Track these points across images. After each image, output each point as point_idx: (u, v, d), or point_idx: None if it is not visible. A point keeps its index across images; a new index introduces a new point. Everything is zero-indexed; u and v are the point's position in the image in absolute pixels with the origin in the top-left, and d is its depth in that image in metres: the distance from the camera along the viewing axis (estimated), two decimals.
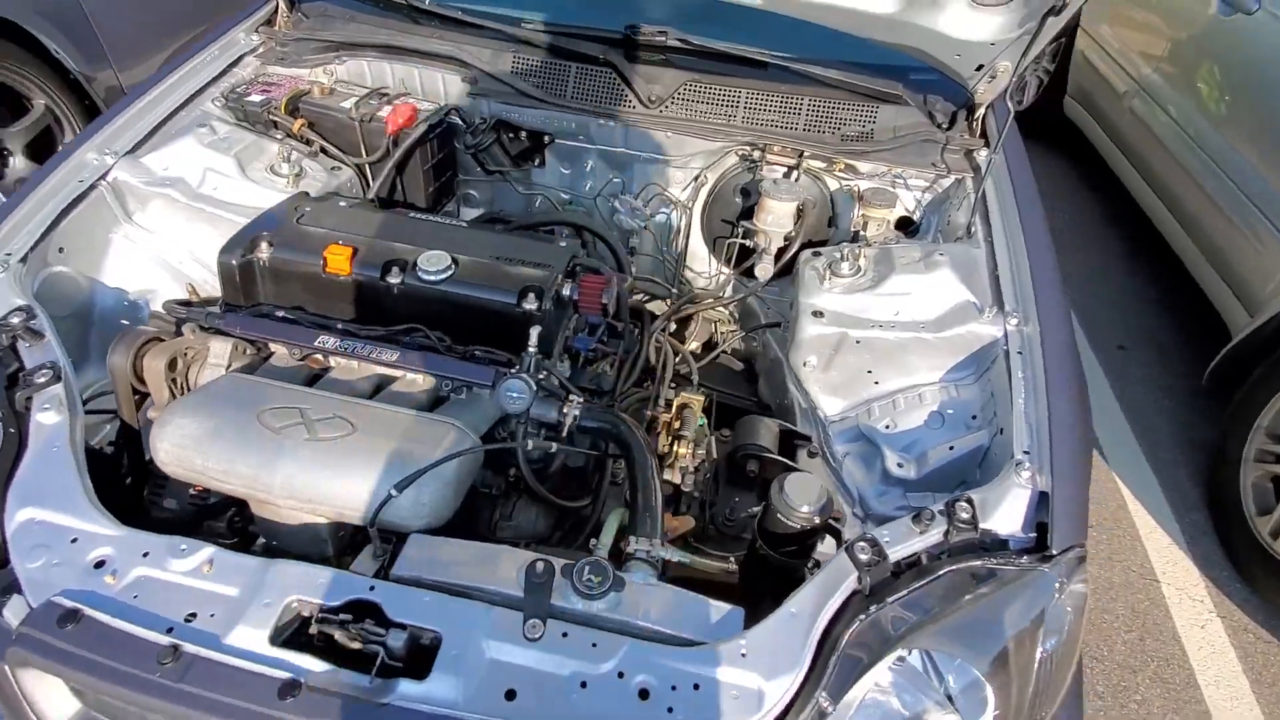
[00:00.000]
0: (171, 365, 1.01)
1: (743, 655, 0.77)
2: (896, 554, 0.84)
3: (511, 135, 1.47)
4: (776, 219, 1.34)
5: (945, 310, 1.14)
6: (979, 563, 0.83)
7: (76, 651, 0.72)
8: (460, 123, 1.43)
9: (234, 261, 1.06)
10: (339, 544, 0.92)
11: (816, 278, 1.23)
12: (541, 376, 0.97)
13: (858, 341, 1.14)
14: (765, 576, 0.98)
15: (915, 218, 1.47)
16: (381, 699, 0.71)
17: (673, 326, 1.44)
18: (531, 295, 1.04)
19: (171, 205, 1.24)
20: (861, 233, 1.38)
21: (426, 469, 0.83)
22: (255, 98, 1.40)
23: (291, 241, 1.08)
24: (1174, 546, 1.86)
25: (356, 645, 0.75)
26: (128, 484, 1.05)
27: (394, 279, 1.05)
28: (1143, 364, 2.45)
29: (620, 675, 0.75)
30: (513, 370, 0.96)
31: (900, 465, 1.10)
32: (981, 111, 1.44)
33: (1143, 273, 2.85)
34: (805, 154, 1.38)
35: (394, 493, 0.82)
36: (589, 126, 1.42)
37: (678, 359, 1.34)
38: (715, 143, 1.39)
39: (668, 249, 1.57)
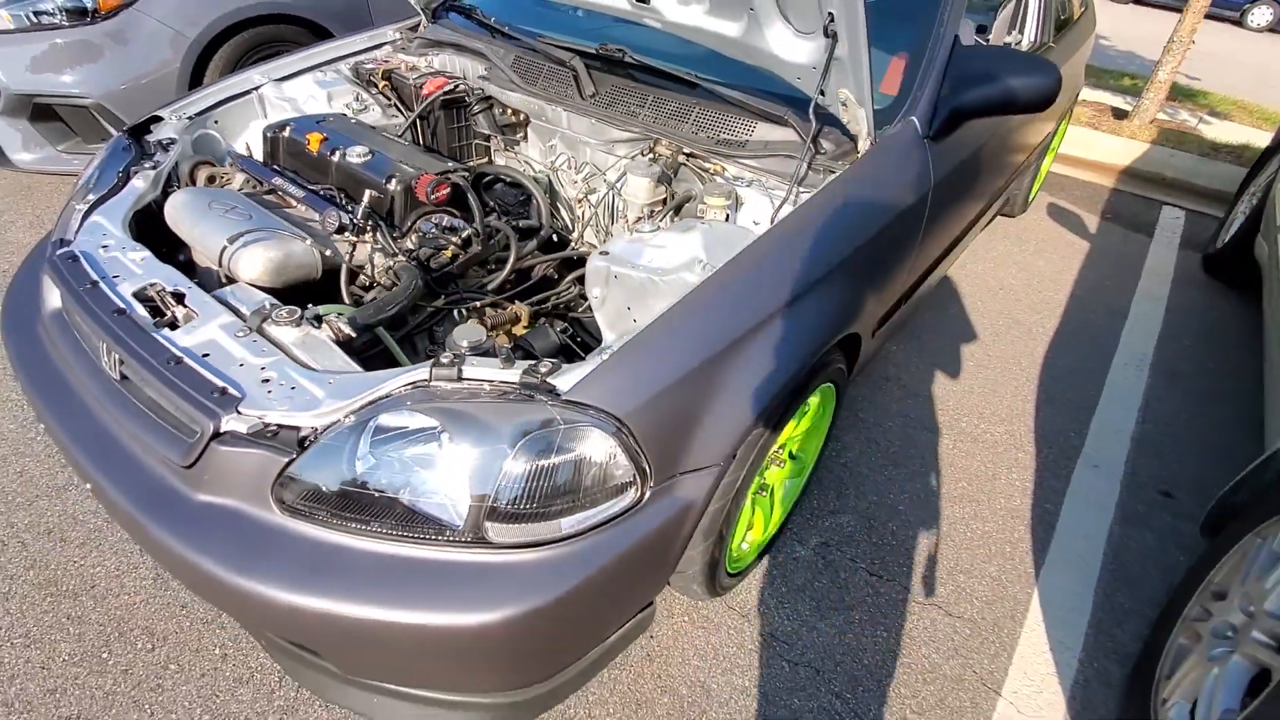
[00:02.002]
0: (211, 180, 1.69)
1: (330, 383, 1.12)
2: (471, 373, 1.11)
3: (501, 111, 1.99)
4: (631, 190, 1.63)
5: (679, 262, 1.34)
6: (509, 391, 1.07)
7: (61, 269, 1.35)
8: (466, 97, 1.99)
9: (267, 134, 1.73)
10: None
11: (624, 229, 1.50)
12: (362, 223, 1.44)
13: (615, 277, 1.39)
14: None
15: None
16: (151, 332, 1.22)
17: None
18: (394, 180, 1.52)
19: (284, 112, 1.98)
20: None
21: (245, 233, 1.34)
22: (368, 66, 2.13)
23: (302, 129, 1.72)
24: (1051, 679, 1.59)
25: (166, 310, 1.27)
26: None
27: (335, 157, 1.61)
28: (1180, 515, 2.05)
29: (262, 369, 1.16)
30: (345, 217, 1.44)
31: None
32: (864, 142, 1.56)
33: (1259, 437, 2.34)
34: (684, 150, 1.66)
35: (226, 243, 1.34)
36: (545, 110, 1.87)
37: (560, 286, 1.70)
38: (626, 134, 1.74)
39: (605, 218, 1.93)
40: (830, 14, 1.26)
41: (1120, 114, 5.41)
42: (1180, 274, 3.43)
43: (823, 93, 1.47)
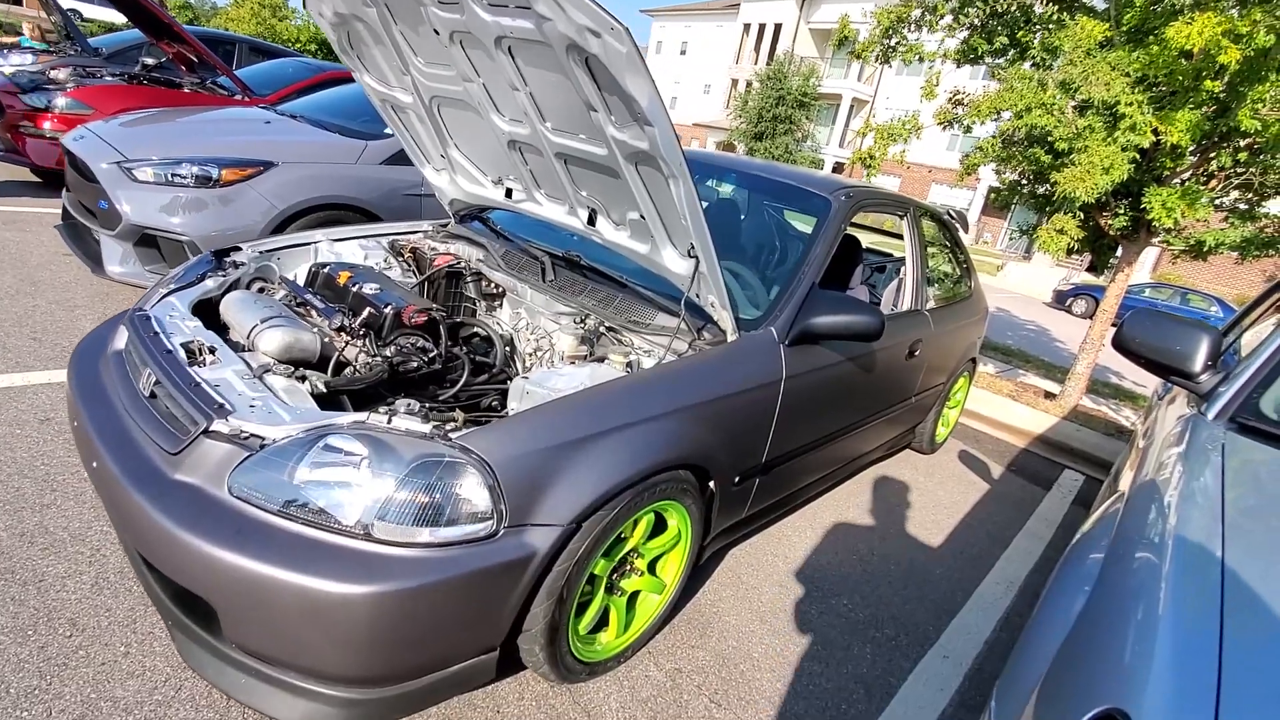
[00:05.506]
0: (261, 290, 2.30)
1: (296, 413, 1.57)
2: (398, 422, 1.57)
3: (486, 284, 2.66)
4: (560, 343, 2.21)
5: (571, 386, 1.84)
6: (420, 435, 1.51)
7: (135, 321, 1.89)
8: (464, 272, 2.69)
9: (312, 269, 2.39)
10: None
11: (547, 367, 2.04)
12: (357, 329, 1.99)
13: (527, 392, 1.90)
14: None
15: None
16: (184, 366, 1.70)
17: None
18: (389, 306, 2.10)
19: (330, 259, 2.67)
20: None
21: (271, 318, 1.89)
22: (401, 242, 2.89)
23: (338, 268, 2.37)
24: None
25: (199, 355, 1.77)
26: None
27: (354, 287, 2.23)
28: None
29: (253, 398, 1.62)
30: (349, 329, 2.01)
31: None
32: (731, 336, 2.16)
33: None
34: (605, 324, 2.27)
35: (258, 323, 1.88)
36: (517, 287, 2.54)
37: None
38: (568, 308, 2.37)
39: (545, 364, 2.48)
40: (691, 244, 1.93)
41: (1051, 396, 6.23)
42: (1067, 522, 3.83)
43: (698, 295, 2.10)
